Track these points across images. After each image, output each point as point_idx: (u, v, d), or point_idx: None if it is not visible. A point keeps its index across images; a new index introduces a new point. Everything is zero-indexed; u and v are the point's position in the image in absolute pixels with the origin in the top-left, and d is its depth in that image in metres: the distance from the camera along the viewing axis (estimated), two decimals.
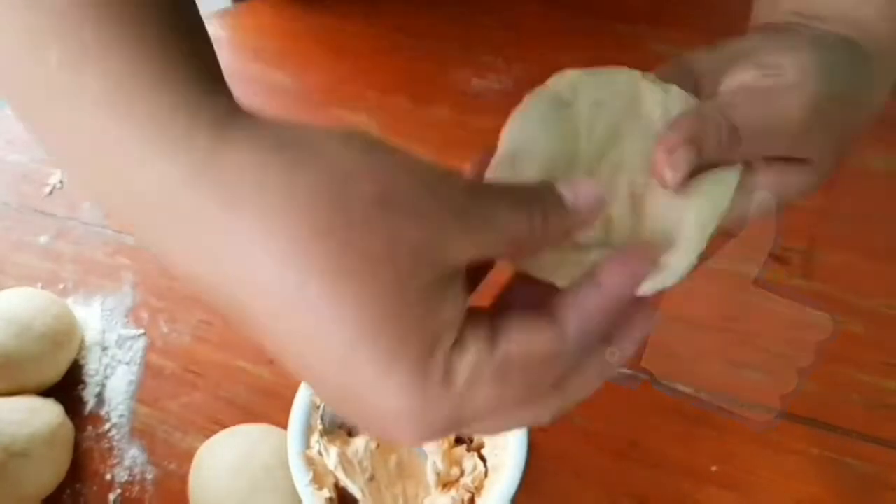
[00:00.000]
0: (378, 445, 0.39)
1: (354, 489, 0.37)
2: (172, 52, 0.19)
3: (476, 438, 0.40)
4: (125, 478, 0.46)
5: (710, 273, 0.48)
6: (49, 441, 0.44)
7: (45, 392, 0.47)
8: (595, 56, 0.54)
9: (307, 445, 0.38)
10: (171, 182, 0.18)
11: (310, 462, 0.37)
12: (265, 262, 0.18)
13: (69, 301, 0.52)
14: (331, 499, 0.37)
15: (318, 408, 0.39)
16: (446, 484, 0.39)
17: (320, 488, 0.37)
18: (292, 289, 0.18)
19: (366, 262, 0.18)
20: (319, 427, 0.38)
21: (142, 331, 0.50)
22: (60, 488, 0.45)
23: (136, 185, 0.19)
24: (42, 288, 0.52)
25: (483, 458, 0.39)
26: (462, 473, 0.39)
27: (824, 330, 0.44)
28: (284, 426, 0.40)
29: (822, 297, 0.46)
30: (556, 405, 0.23)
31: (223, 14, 0.64)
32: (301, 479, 0.37)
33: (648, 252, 0.24)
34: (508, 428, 0.23)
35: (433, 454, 0.39)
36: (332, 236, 0.18)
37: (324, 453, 0.38)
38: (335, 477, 0.38)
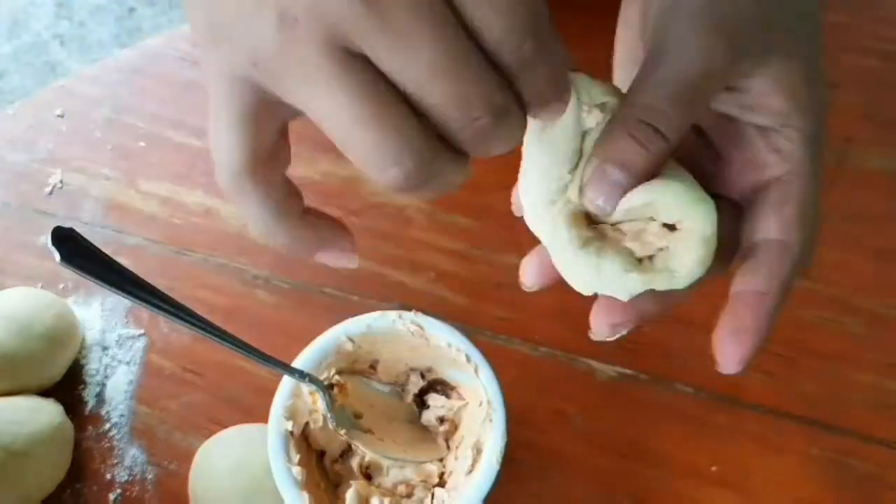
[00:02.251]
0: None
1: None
2: None
3: (456, 433, 0.40)
4: (125, 478, 0.46)
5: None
6: (49, 441, 0.44)
7: (46, 392, 0.47)
8: (596, 56, 0.53)
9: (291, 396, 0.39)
10: None
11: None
12: None
13: (69, 301, 0.52)
14: (291, 432, 0.38)
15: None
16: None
17: (289, 418, 0.38)
18: None
19: None
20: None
21: (142, 331, 0.50)
22: (60, 488, 0.45)
23: None
24: (42, 288, 0.52)
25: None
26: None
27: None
28: None
29: (823, 297, 0.46)
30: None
31: None
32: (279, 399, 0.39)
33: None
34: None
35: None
36: None
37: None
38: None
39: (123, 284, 0.31)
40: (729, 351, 0.27)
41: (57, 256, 0.28)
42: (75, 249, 0.29)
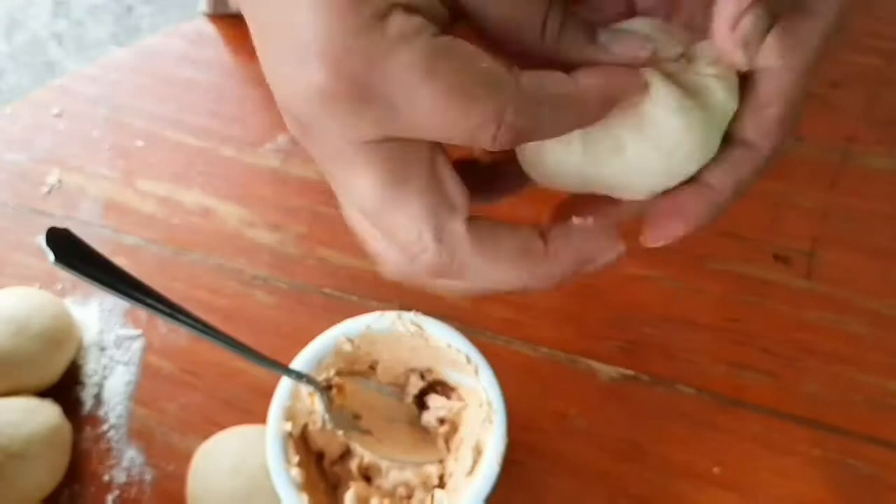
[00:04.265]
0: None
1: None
2: None
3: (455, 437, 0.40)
4: (123, 479, 0.46)
5: (712, 273, 0.48)
6: (47, 442, 0.44)
7: (43, 393, 0.47)
8: None
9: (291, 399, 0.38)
10: None
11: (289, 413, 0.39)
12: None
13: (67, 301, 0.51)
14: (290, 434, 0.38)
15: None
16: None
17: (288, 419, 0.38)
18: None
19: None
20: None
21: (140, 331, 0.50)
22: (58, 489, 0.45)
23: None
24: (40, 288, 0.52)
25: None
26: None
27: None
28: None
29: (825, 298, 0.46)
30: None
31: (222, 13, 0.64)
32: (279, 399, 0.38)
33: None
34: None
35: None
36: None
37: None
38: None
39: (119, 285, 0.30)
40: (660, 227, 0.26)
41: (51, 257, 0.28)
42: (70, 250, 0.29)
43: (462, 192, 0.24)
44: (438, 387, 0.42)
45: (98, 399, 0.48)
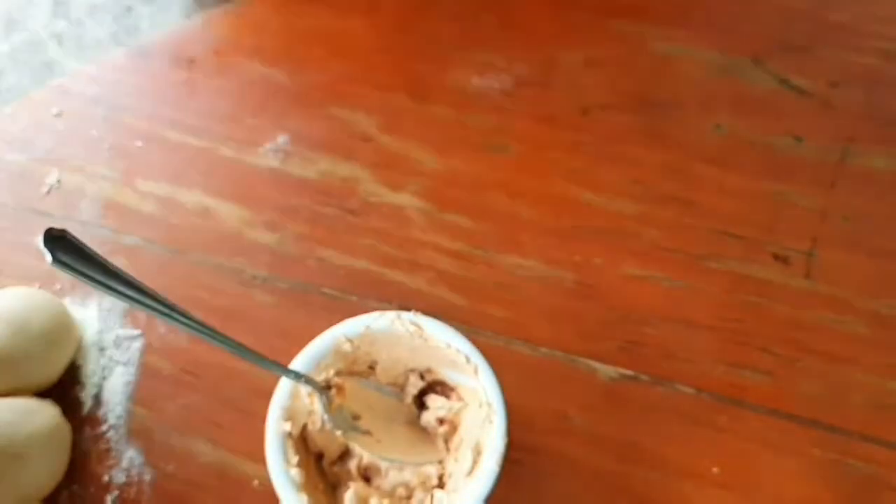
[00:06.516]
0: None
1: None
2: None
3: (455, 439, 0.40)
4: (123, 479, 0.46)
5: (712, 273, 0.48)
6: (47, 442, 0.44)
7: (43, 393, 0.47)
8: (596, 55, 0.53)
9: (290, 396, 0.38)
10: None
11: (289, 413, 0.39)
12: None
13: (66, 301, 0.51)
14: (290, 434, 0.38)
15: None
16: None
17: (287, 419, 0.38)
18: None
19: None
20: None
21: (139, 331, 0.50)
22: (58, 490, 0.45)
23: None
24: (40, 288, 0.52)
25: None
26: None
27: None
28: None
29: (825, 298, 0.46)
30: None
31: (221, 12, 0.64)
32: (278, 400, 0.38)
33: None
34: None
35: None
36: None
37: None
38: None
39: (117, 286, 0.30)
40: None
41: (48, 258, 0.28)
42: (68, 250, 0.28)
43: None
44: (438, 387, 0.42)
45: (97, 399, 0.48)
